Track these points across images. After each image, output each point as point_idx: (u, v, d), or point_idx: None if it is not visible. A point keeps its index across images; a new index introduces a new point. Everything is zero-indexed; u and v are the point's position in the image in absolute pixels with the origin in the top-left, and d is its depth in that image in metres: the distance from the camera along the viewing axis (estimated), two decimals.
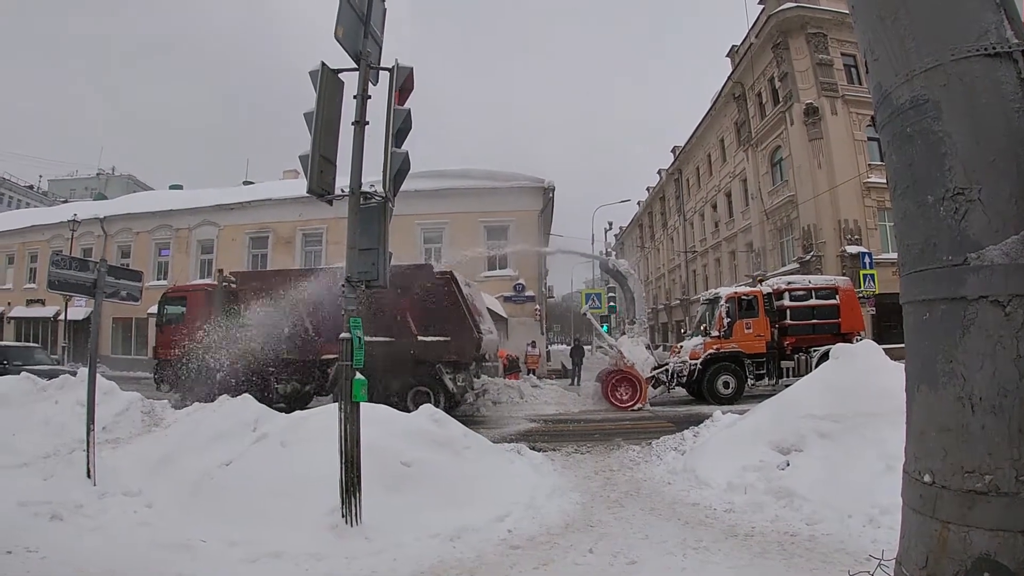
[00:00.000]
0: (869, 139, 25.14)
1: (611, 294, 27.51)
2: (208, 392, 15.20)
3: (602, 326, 20.82)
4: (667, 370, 16.94)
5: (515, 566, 4.85)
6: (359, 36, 5.78)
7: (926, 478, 2.21)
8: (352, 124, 5.74)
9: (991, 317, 2.03)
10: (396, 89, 5.80)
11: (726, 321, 16.58)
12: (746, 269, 30.86)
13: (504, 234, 24.30)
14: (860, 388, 6.71)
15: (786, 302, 16.83)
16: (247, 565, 4.90)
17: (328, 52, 5.69)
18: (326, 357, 15.22)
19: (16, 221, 37.64)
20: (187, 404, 12.33)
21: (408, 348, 14.14)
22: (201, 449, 7.08)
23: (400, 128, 5.76)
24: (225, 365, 15.98)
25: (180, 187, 38.46)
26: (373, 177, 5.72)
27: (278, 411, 8.36)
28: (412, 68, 5.90)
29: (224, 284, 17.11)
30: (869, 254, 22.73)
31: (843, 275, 21.94)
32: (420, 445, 6.79)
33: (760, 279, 18.86)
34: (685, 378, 16.71)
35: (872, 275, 21.52)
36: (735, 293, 17.18)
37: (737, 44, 32.90)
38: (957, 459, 2.10)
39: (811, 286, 17.18)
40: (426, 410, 7.78)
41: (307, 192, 5.58)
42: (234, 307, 16.35)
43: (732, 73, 32.77)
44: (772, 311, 16.80)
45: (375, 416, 6.74)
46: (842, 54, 26.27)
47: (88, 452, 6.71)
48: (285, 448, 6.56)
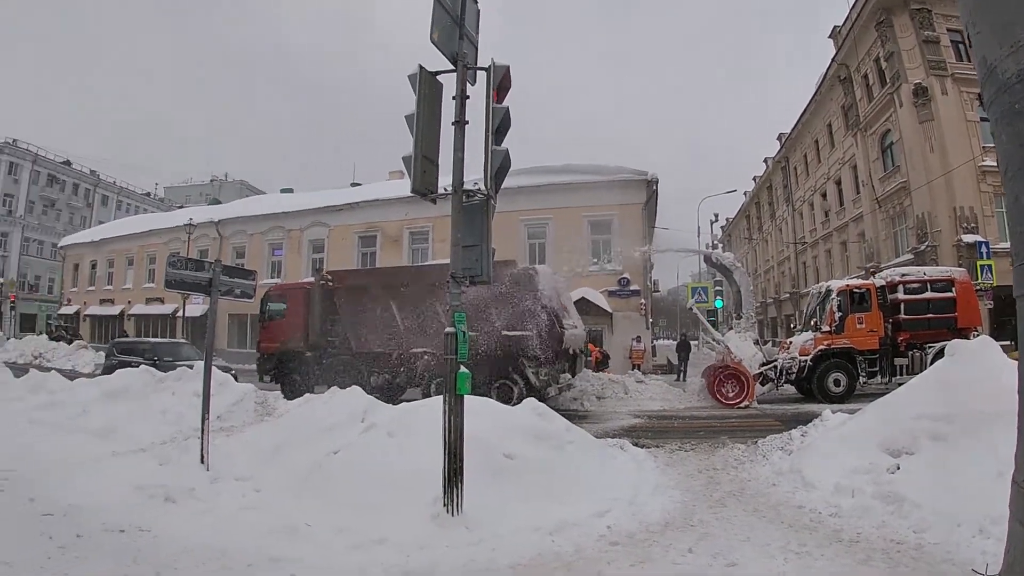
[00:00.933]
0: (981, 119, 23.12)
1: (718, 288, 26.86)
2: (306, 384, 16.28)
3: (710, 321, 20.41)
4: (775, 367, 16.43)
5: (612, 562, 4.83)
6: (454, 38, 5.87)
7: None
8: (452, 124, 5.85)
9: None
10: (494, 88, 5.86)
11: (837, 316, 15.91)
12: (858, 261, 29.42)
13: (607, 228, 24.06)
14: (975, 388, 6.30)
15: (900, 295, 15.98)
16: (350, 550, 5.07)
17: (427, 55, 5.82)
18: (415, 350, 15.77)
19: (135, 226, 40.47)
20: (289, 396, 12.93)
21: (492, 342, 14.34)
22: (311, 438, 7.36)
23: (499, 126, 5.83)
24: (322, 358, 17.13)
25: (291, 190, 40.37)
26: (476, 175, 5.81)
27: None
28: (508, 66, 5.94)
29: (321, 282, 17.83)
30: (986, 243, 21.25)
31: (959, 266, 20.63)
32: (523, 438, 6.87)
33: (873, 271, 17.95)
34: (794, 375, 16.13)
35: (989, 266, 20.23)
36: (847, 286, 16.41)
37: (839, 24, 31.35)
38: None
39: (926, 278, 16.19)
40: (529, 404, 7.85)
41: (411, 192, 5.76)
42: (331, 304, 17.25)
43: (836, 55, 31.35)
44: (885, 305, 16.01)
45: (479, 409, 6.87)
46: (948, 30, 24.64)
47: (202, 439, 7.14)
48: (392, 438, 6.76)
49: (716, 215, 39.43)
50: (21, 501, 5.58)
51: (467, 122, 5.86)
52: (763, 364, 16.49)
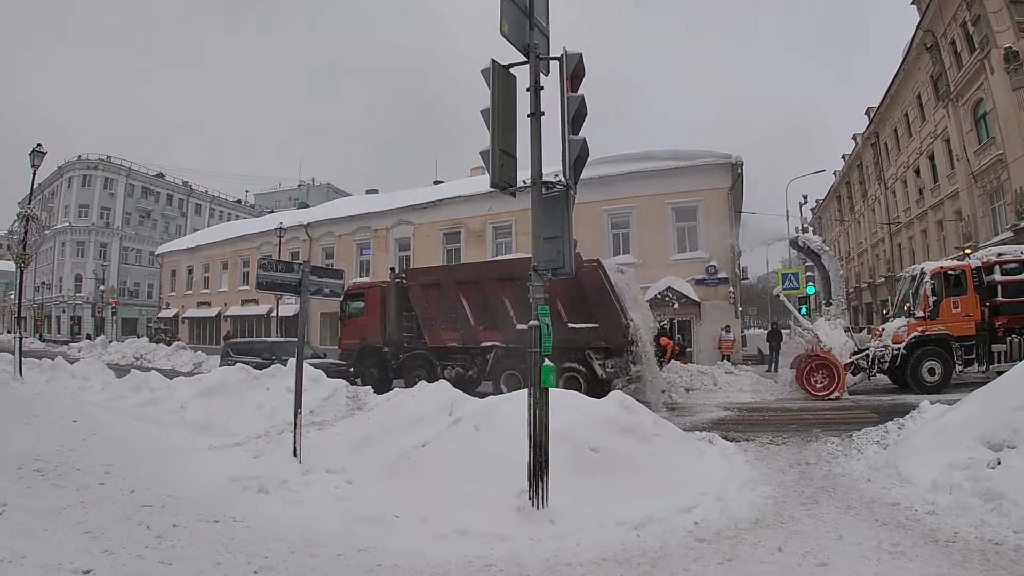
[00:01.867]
0: None
1: (809, 274, 25.99)
2: (383, 378, 17.03)
3: (800, 308, 19.78)
4: (867, 355, 15.74)
5: (699, 560, 4.74)
6: (525, 29, 5.87)
7: None
8: (527, 116, 5.83)
9: None
10: (567, 77, 5.81)
11: (931, 300, 15.08)
12: (955, 241, 27.83)
13: (692, 215, 23.50)
14: None
15: (997, 277, 14.97)
16: (436, 540, 5.15)
17: (500, 47, 5.80)
18: (485, 344, 16.21)
19: (227, 232, 42.44)
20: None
21: (558, 334, 14.24)
22: (399, 431, 7.49)
23: (575, 115, 5.78)
24: (398, 353, 17.82)
25: (376, 191, 41.47)
26: (554, 167, 5.78)
27: None
28: (581, 54, 5.87)
29: (396, 280, 18.50)
30: None
31: None
32: (609, 431, 6.81)
33: (969, 250, 16.94)
34: (887, 364, 15.43)
35: None
36: (940, 268, 15.50)
37: None
38: None
39: None
40: (616, 396, 7.78)
41: (490, 186, 5.78)
42: (405, 300, 17.88)
43: (920, 22, 29.75)
44: (982, 287, 15.04)
45: (565, 401, 6.87)
46: None
47: (295, 433, 7.34)
48: (478, 431, 6.84)
49: (805, 197, 37.65)
50: (122, 493, 5.82)
51: (543, 113, 5.84)
52: (854, 353, 15.78)
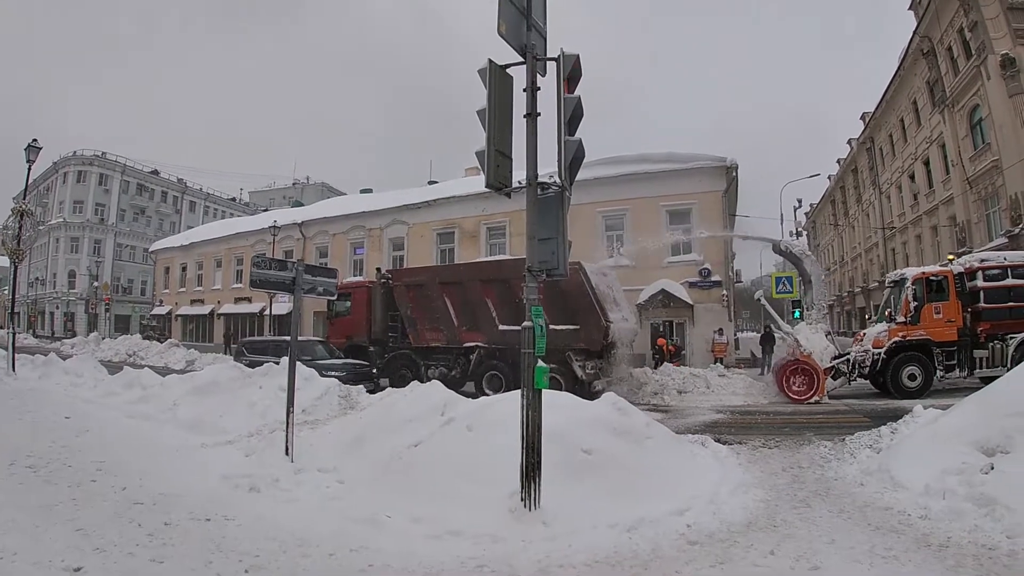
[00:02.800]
0: None
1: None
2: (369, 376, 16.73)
3: (795, 312, 19.81)
4: (848, 360, 15.83)
5: (691, 562, 4.75)
6: (522, 30, 5.86)
7: None
8: (524, 117, 5.82)
9: None
10: (564, 78, 5.79)
11: (913, 305, 15.19)
12: (949, 246, 27.87)
13: (687, 218, 23.51)
14: None
15: (979, 283, 15.06)
16: (428, 541, 5.15)
17: (497, 48, 5.80)
18: (468, 344, 16.50)
19: (222, 229, 42.30)
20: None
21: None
22: (392, 431, 7.48)
23: (572, 116, 5.75)
24: (384, 352, 18.05)
25: (370, 191, 41.41)
26: (550, 168, 5.77)
27: None
28: (578, 55, 5.85)
29: (382, 280, 18.71)
30: None
31: None
32: (602, 433, 6.81)
33: (952, 257, 17.06)
34: (867, 369, 15.53)
35: None
36: (923, 274, 15.61)
37: None
38: None
39: (1007, 264, 15.20)
40: (609, 397, 7.79)
41: (485, 187, 5.77)
42: (390, 300, 18.17)
43: (917, 27, 29.79)
44: (964, 293, 15.15)
45: (558, 403, 6.86)
46: None
47: (287, 432, 7.34)
48: (471, 432, 6.84)
49: (799, 201, 37.85)
50: (114, 490, 5.83)
51: (539, 114, 5.83)
52: (835, 357, 15.92)
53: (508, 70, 5.85)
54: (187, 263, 42.12)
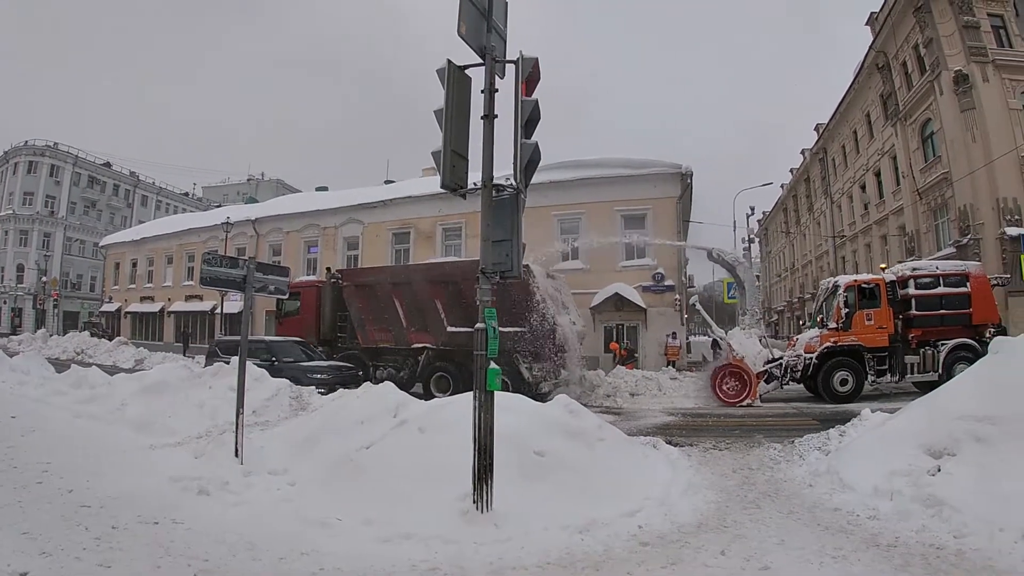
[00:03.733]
0: None
1: (757, 284, 26.55)
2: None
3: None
4: (781, 364, 16.13)
5: (643, 563, 4.78)
6: (482, 31, 5.84)
7: None
8: (481, 118, 5.81)
9: None
10: (522, 80, 5.80)
11: (844, 312, 15.56)
12: (899, 255, 28.65)
13: (641, 223, 23.69)
14: (1022, 387, 6.12)
15: (911, 291, 15.54)
16: (379, 544, 5.11)
17: (456, 49, 5.78)
18: (416, 345, 16.57)
19: (174, 225, 41.19)
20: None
21: None
22: (344, 432, 7.40)
23: (529, 119, 5.76)
24: (332, 353, 17.87)
25: (326, 188, 40.82)
26: (507, 170, 5.77)
27: None
28: (537, 59, 5.87)
29: (332, 280, 18.68)
30: None
31: (1003, 260, 19.97)
32: (554, 435, 6.82)
33: (884, 266, 17.60)
34: (799, 373, 15.87)
35: None
36: (854, 281, 16.03)
37: (876, 11, 30.59)
38: None
39: (939, 272, 15.75)
40: (561, 400, 7.82)
41: (440, 187, 5.74)
42: (340, 300, 18.17)
43: (873, 42, 30.51)
44: (896, 301, 15.60)
45: (511, 405, 6.87)
46: (988, 14, 23.90)
47: (237, 433, 7.21)
48: (423, 434, 6.79)
49: (752, 208, 38.46)
50: (60, 492, 5.69)
51: (496, 116, 5.82)
52: (769, 362, 16.23)
53: (467, 71, 5.84)
54: (138, 259, 41.05)
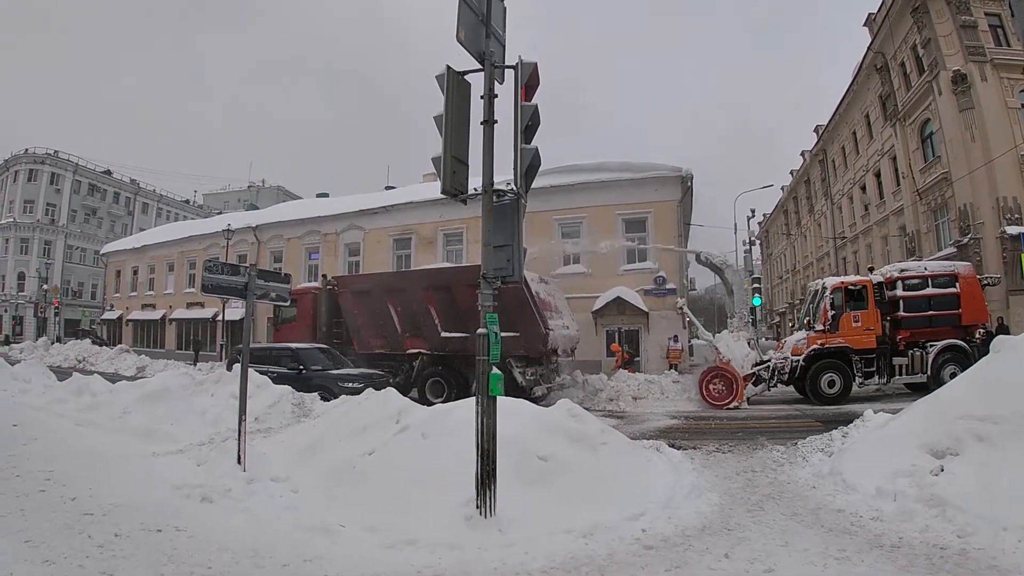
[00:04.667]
0: (1023, 106, 22.75)
1: (756, 286, 26.50)
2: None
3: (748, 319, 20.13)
4: (768, 367, 16.15)
5: (647, 567, 4.78)
6: (481, 37, 5.87)
7: None
8: (481, 124, 5.83)
9: None
10: (522, 86, 5.83)
11: (831, 314, 15.59)
12: (900, 255, 28.64)
13: (642, 226, 23.69)
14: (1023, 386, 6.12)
15: (899, 292, 15.55)
16: (383, 550, 5.11)
17: (455, 54, 5.80)
18: (411, 351, 16.82)
19: (174, 232, 41.22)
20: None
21: None
22: (346, 439, 7.40)
23: (528, 124, 5.79)
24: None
25: (326, 195, 40.83)
26: (507, 175, 5.77)
27: None
28: (536, 64, 5.89)
29: (328, 287, 18.94)
30: None
31: (1003, 259, 19.94)
32: (557, 440, 6.83)
33: (871, 267, 17.61)
34: (787, 375, 15.88)
35: None
36: (841, 283, 16.10)
37: (873, 12, 30.62)
38: None
39: (927, 273, 15.78)
40: (564, 404, 7.82)
41: (441, 193, 5.76)
42: (335, 307, 18.48)
43: (871, 43, 30.52)
44: (883, 302, 15.59)
45: (513, 409, 6.87)
46: (986, 14, 23.86)
47: (239, 440, 7.18)
48: (426, 440, 6.79)
49: (752, 211, 38.45)
50: (63, 500, 5.65)
51: (496, 121, 5.84)
52: (756, 364, 16.24)
53: (466, 77, 5.86)
54: (139, 266, 41.02)
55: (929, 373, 14.81)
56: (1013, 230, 21.42)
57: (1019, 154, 22.08)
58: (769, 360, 16.40)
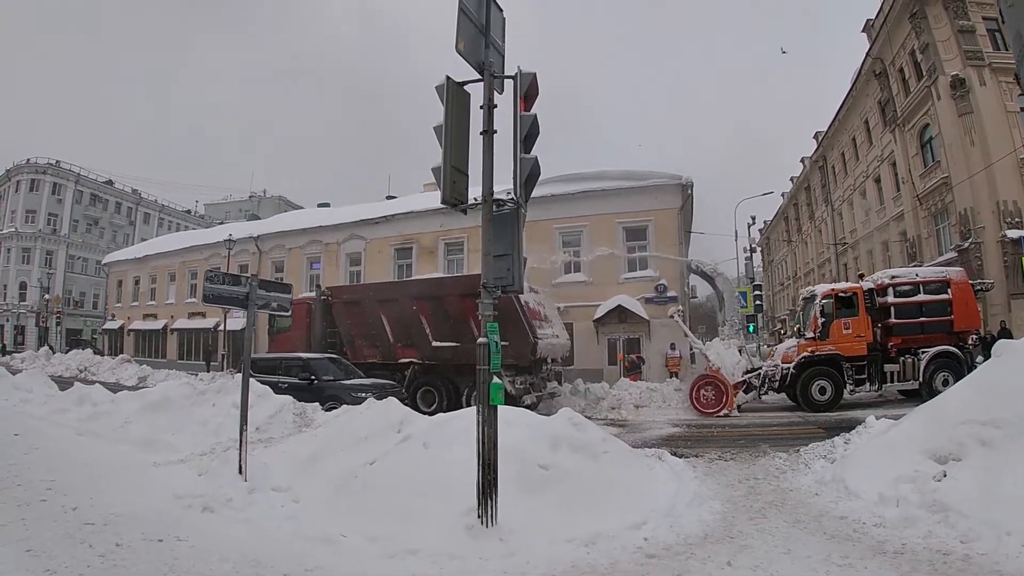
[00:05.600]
0: (1022, 109, 22.75)
1: (757, 292, 26.48)
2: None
3: (749, 327, 20.11)
4: (759, 374, 16.15)
5: None
6: (480, 47, 5.90)
7: None
8: (480, 134, 5.85)
9: None
10: (521, 96, 5.85)
11: (821, 321, 15.57)
12: (901, 261, 28.66)
13: (643, 235, 23.70)
14: None
15: (890, 299, 15.50)
16: (384, 560, 5.10)
17: (454, 64, 5.82)
18: (403, 360, 17.05)
19: (176, 242, 41.22)
20: None
21: (472, 351, 14.71)
22: (347, 449, 7.42)
23: (528, 134, 5.80)
24: None
25: (327, 205, 40.81)
26: (507, 184, 5.79)
27: None
28: (535, 74, 5.91)
29: (322, 297, 19.04)
30: None
31: (1004, 263, 19.91)
32: (558, 449, 6.83)
33: (862, 274, 17.64)
34: (778, 383, 15.87)
35: None
36: (832, 290, 16.06)
37: (872, 17, 30.72)
38: None
39: (919, 280, 15.72)
40: (565, 413, 7.82)
41: (441, 203, 5.77)
42: (329, 317, 18.67)
43: (870, 49, 30.64)
44: (874, 309, 15.60)
45: (514, 419, 6.88)
46: (984, 18, 23.94)
47: (240, 450, 7.18)
48: (427, 449, 6.79)
49: (753, 218, 38.33)
50: (64, 510, 5.66)
51: (495, 131, 5.86)
52: (747, 372, 16.24)
53: (465, 87, 5.88)
54: (140, 276, 41.00)
55: (921, 380, 14.82)
56: (1014, 234, 21.41)
57: (1018, 158, 22.10)
58: (760, 368, 16.40)
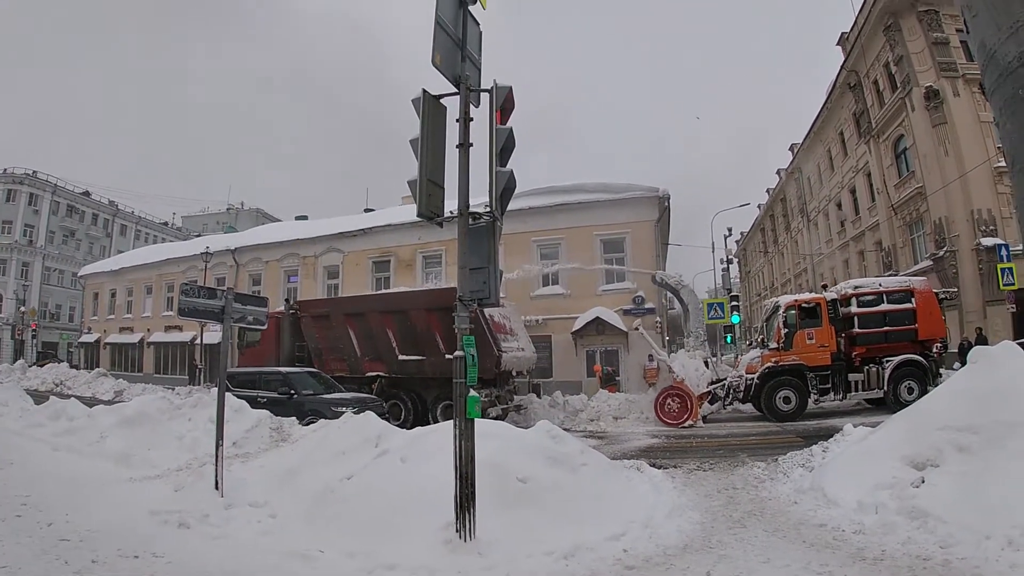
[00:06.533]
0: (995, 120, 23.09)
1: (734, 303, 26.65)
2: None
3: (726, 337, 20.17)
4: (724, 385, 16.25)
5: None
6: (456, 61, 5.93)
7: None
8: (456, 147, 5.87)
9: None
10: (497, 109, 5.87)
11: (784, 332, 15.68)
12: (876, 270, 29.04)
13: (620, 247, 23.90)
14: (1001, 395, 6.18)
15: (854, 308, 15.66)
16: (362, 575, 5.05)
17: (432, 77, 5.84)
18: (370, 374, 17.16)
19: (153, 255, 40.79)
20: None
21: (438, 365, 15.08)
22: (325, 463, 7.35)
23: (504, 147, 5.83)
24: None
25: (305, 217, 40.72)
26: (483, 198, 5.80)
27: None
28: (511, 87, 5.95)
29: (290, 311, 19.11)
30: (1006, 245, 20.34)
31: (979, 270, 20.18)
32: (537, 461, 6.81)
33: (825, 284, 17.85)
34: (743, 393, 15.98)
35: (1011, 268, 19.18)
36: (795, 301, 16.17)
37: (846, 31, 31.21)
38: None
39: (881, 290, 15.86)
40: (543, 426, 7.83)
41: (416, 216, 5.76)
42: (298, 331, 18.72)
43: (845, 61, 31.09)
44: (838, 319, 15.71)
45: (492, 432, 6.87)
46: (957, 30, 24.16)
47: (216, 465, 7.12)
48: (404, 463, 6.76)
49: (730, 229, 38.77)
50: (40, 526, 5.63)
51: (471, 144, 5.88)
52: (712, 383, 16.33)
53: (442, 100, 5.90)
54: (117, 289, 40.50)
55: (885, 388, 14.95)
56: (988, 241, 21.70)
57: (992, 167, 22.36)
58: (725, 379, 16.52)
